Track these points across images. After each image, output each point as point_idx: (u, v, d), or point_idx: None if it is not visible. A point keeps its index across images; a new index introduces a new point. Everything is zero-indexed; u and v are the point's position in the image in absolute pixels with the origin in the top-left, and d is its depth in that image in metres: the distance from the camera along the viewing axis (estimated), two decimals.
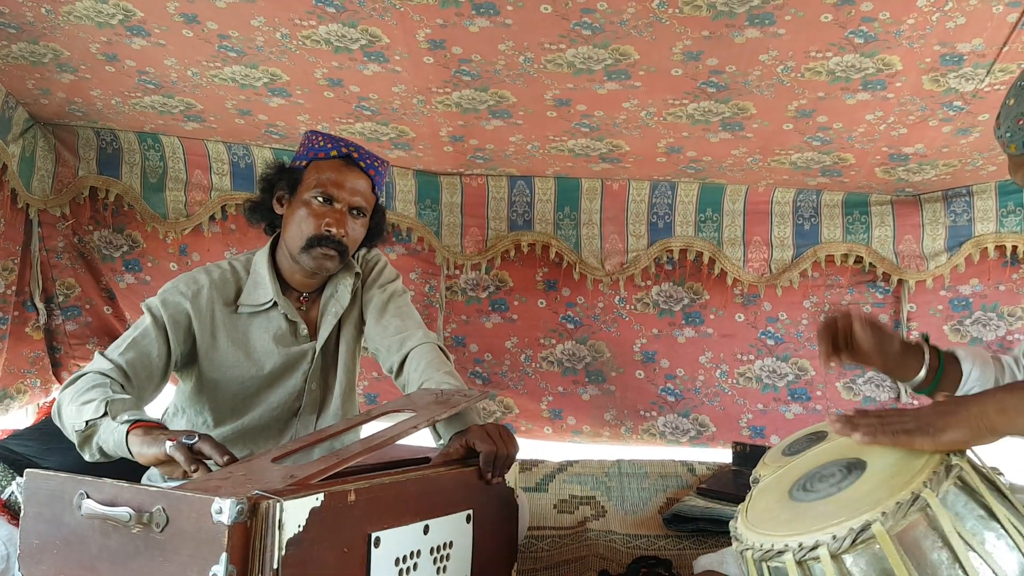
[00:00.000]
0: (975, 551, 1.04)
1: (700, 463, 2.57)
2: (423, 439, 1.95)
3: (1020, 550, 1.06)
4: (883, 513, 1.04)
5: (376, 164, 2.03)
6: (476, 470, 1.58)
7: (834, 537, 1.05)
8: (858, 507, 1.07)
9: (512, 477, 1.68)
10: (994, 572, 1.04)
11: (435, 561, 1.40)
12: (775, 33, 1.93)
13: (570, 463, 2.58)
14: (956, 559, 1.03)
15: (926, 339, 1.67)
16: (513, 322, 3.09)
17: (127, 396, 1.67)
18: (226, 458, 1.40)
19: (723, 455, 2.78)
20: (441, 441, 1.76)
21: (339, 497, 1.21)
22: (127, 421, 1.54)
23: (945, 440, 1.13)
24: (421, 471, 1.50)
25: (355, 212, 1.98)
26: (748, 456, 2.50)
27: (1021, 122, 1.27)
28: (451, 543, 1.44)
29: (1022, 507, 1.14)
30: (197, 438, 1.44)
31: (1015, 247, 2.75)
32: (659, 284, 3.02)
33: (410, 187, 2.99)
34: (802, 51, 2.00)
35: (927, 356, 1.62)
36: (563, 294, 3.06)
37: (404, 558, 1.33)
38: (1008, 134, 1.30)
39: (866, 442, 1.17)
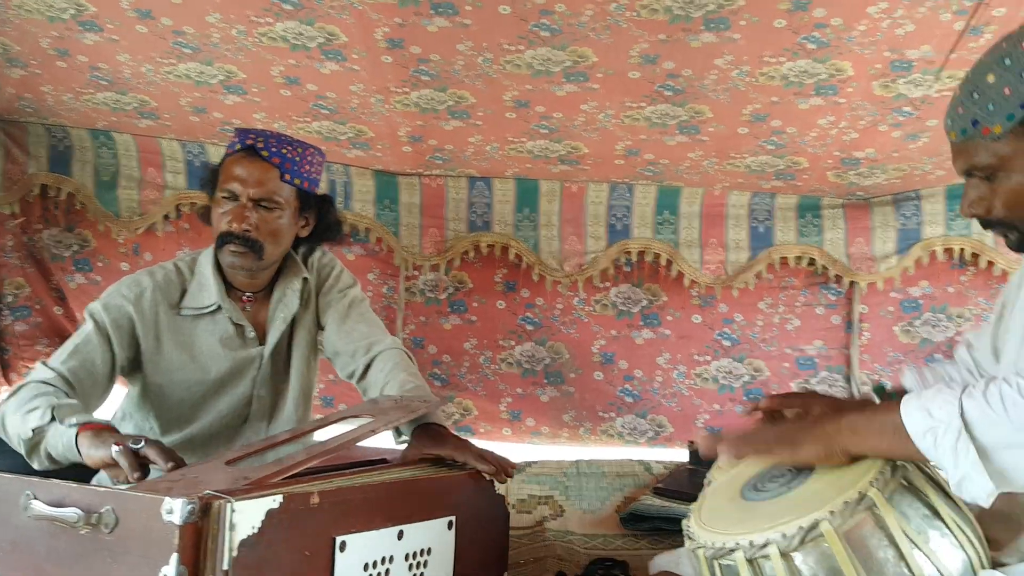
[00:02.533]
0: (920, 549, 1.07)
1: (657, 462, 2.61)
2: (383, 441, 1.94)
3: (963, 549, 1.10)
4: (831, 512, 1.07)
5: (285, 151, 1.91)
6: (461, 475, 1.58)
7: (784, 536, 1.08)
8: (807, 506, 1.10)
9: (503, 486, 1.69)
10: (938, 570, 1.07)
11: (411, 568, 1.38)
12: (730, 38, 1.97)
13: (529, 463, 2.60)
14: (902, 557, 1.06)
15: (879, 390, 1.67)
16: (472, 323, 3.09)
17: (74, 401, 1.64)
18: (170, 464, 1.38)
19: (680, 455, 2.82)
20: (403, 437, 1.76)
21: (301, 499, 1.19)
22: (75, 424, 1.52)
23: (801, 455, 1.22)
24: (395, 474, 1.49)
25: (264, 204, 1.89)
26: None
27: (960, 110, 1.32)
28: (429, 550, 1.42)
29: (966, 506, 1.18)
30: (144, 443, 1.41)
31: (963, 250, 2.84)
32: (617, 285, 3.05)
33: (368, 187, 2.98)
34: (757, 56, 2.04)
35: None
36: (522, 295, 3.07)
37: (374, 563, 1.31)
38: (949, 121, 1.36)
39: (732, 457, 1.28)
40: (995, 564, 1.26)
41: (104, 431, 1.50)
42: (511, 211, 3.00)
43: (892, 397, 1.61)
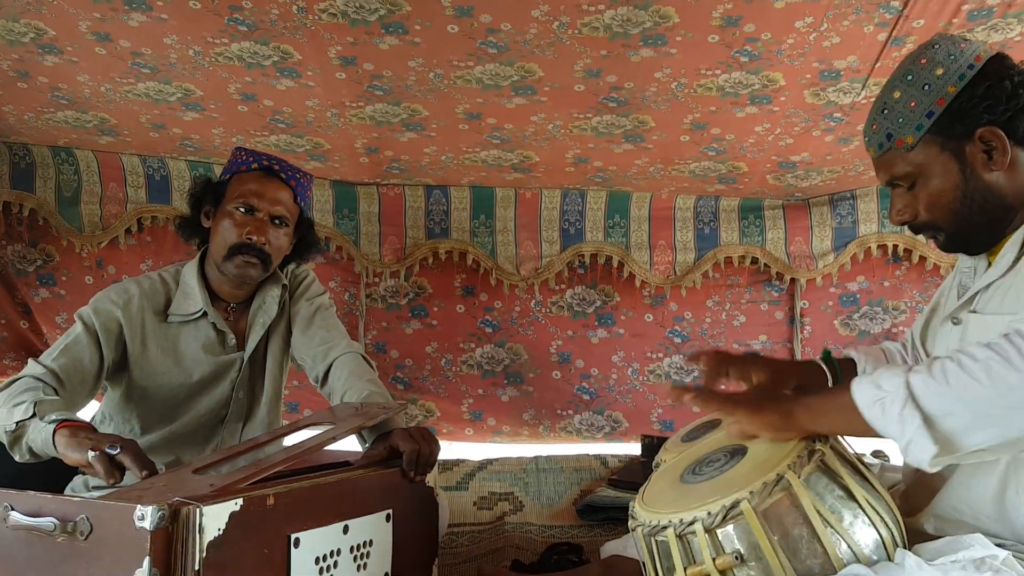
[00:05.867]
0: (833, 528, 1.15)
1: (612, 456, 2.69)
2: (349, 445, 2.01)
3: (876, 527, 1.18)
4: (751, 492, 1.15)
5: (298, 176, 2.10)
6: (396, 471, 1.65)
7: (709, 514, 1.17)
8: (731, 487, 1.19)
9: (432, 477, 1.76)
10: (850, 547, 1.15)
11: (355, 559, 1.46)
12: (668, 53, 2.05)
13: (490, 461, 2.68)
14: (815, 534, 1.15)
15: (826, 357, 1.76)
16: (433, 327, 3.16)
17: (57, 398, 1.72)
18: (144, 472, 1.44)
19: (636, 448, 2.91)
20: (367, 444, 1.83)
21: (258, 501, 1.27)
22: (54, 420, 1.59)
23: (758, 423, 1.28)
24: (340, 474, 1.57)
25: (277, 221, 2.04)
26: (655, 447, 2.62)
27: (875, 127, 1.43)
28: (371, 541, 1.51)
29: (882, 488, 1.27)
30: (120, 448, 1.47)
31: (896, 246, 2.95)
32: (572, 287, 3.13)
33: (327, 197, 3.04)
34: (693, 69, 2.13)
35: (828, 376, 1.71)
36: (481, 299, 3.14)
37: (324, 557, 1.39)
38: (867, 139, 1.47)
39: (696, 404, 1.33)
40: (915, 529, 1.36)
41: (81, 430, 1.56)
42: (468, 218, 3.08)
43: (834, 361, 1.72)
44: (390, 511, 1.58)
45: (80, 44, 2.13)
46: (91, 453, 1.48)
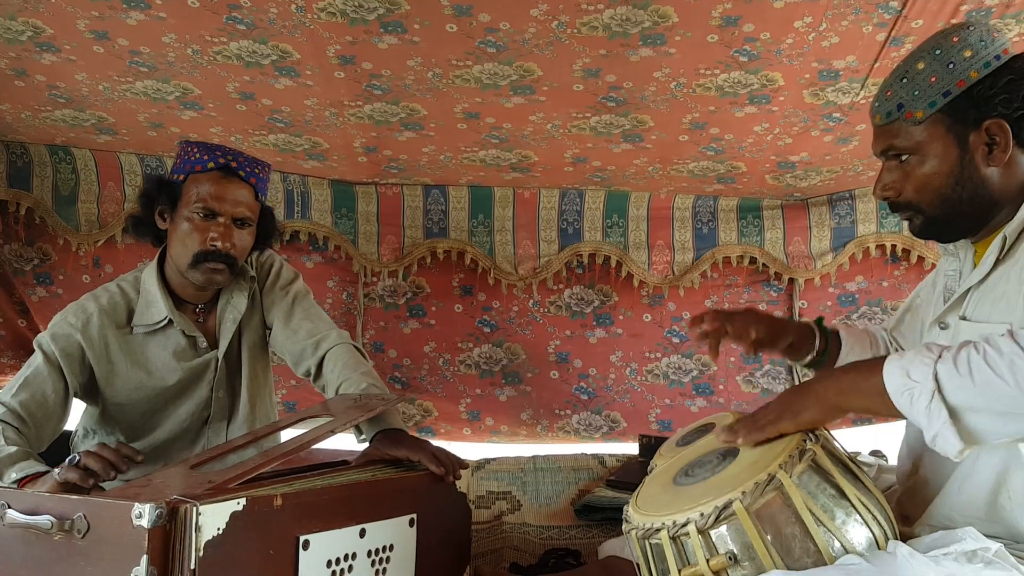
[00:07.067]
0: (825, 526, 1.16)
1: (610, 455, 2.69)
2: (347, 445, 2.00)
3: (868, 525, 1.19)
4: (743, 493, 1.16)
5: (256, 170, 1.99)
6: (423, 474, 1.64)
7: (701, 515, 1.17)
8: (724, 488, 1.19)
9: (464, 483, 1.75)
10: (843, 546, 1.16)
11: (373, 564, 1.44)
12: (667, 52, 2.05)
13: (487, 460, 2.67)
14: (808, 533, 1.15)
15: (819, 323, 1.78)
16: (431, 327, 3.16)
17: (13, 449, 1.65)
18: (105, 466, 1.43)
19: (634, 448, 2.91)
20: (363, 436, 1.82)
21: (264, 501, 1.25)
22: (15, 481, 1.56)
23: (803, 420, 1.26)
24: (357, 476, 1.55)
25: (239, 223, 1.96)
26: (653, 447, 2.62)
27: (889, 93, 1.42)
28: (391, 546, 1.48)
29: (874, 487, 1.28)
30: (79, 457, 1.46)
31: (894, 246, 2.96)
32: (571, 287, 3.14)
33: (325, 196, 3.04)
34: (692, 68, 2.13)
35: (817, 340, 1.74)
36: (479, 299, 3.14)
37: (337, 560, 1.37)
38: (877, 104, 1.45)
39: (749, 444, 1.29)
40: (909, 537, 1.36)
41: (40, 477, 1.55)
42: (466, 217, 3.08)
43: (826, 329, 1.74)
44: (414, 516, 1.55)
45: (78, 42, 2.12)
46: (56, 472, 1.47)
